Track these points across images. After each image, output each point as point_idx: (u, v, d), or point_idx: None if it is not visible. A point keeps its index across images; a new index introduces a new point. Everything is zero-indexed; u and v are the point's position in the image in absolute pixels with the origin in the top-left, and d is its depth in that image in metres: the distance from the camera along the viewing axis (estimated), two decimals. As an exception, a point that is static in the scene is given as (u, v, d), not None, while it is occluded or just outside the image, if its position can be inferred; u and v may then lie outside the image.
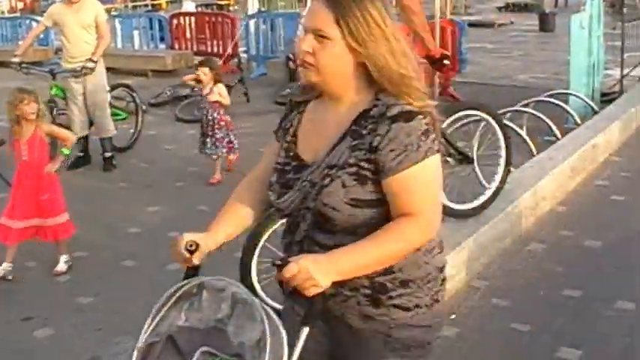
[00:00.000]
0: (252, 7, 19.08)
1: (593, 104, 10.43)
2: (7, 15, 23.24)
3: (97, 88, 9.67)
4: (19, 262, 6.67)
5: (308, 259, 2.43)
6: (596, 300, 5.28)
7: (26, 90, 6.62)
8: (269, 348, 2.39)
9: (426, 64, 5.60)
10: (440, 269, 2.74)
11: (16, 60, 9.67)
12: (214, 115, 9.12)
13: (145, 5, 31.82)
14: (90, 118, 9.79)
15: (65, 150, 6.74)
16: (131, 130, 10.90)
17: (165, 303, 2.66)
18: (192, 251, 2.73)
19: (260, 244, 5.08)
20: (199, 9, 22.19)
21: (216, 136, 9.14)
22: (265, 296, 5.04)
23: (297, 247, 2.73)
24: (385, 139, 2.53)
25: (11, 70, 9.93)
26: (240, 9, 25.15)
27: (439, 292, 2.73)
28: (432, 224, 2.57)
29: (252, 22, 17.41)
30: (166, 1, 34.34)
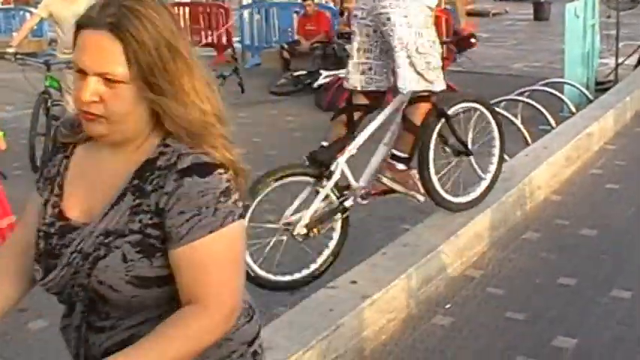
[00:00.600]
0: (247, -3, 19.06)
1: (588, 93, 10.42)
2: (1, 6, 23.16)
3: (92, 79, 9.64)
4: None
5: None
6: (592, 288, 5.28)
7: None
8: None
9: (450, 43, 5.68)
10: (249, 343, 2.20)
11: (11, 51, 9.63)
12: None
13: (140, -4, 31.66)
14: (84, 109, 9.76)
15: None
16: (125, 121, 10.87)
17: None
18: None
19: (251, 208, 4.95)
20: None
21: None
22: (252, 263, 5.02)
23: (75, 333, 2.26)
24: (173, 198, 1.98)
25: (6, 62, 9.90)
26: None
27: None
28: (227, 316, 2.01)
29: (246, 12, 17.38)
30: (161, -8, 34.18)
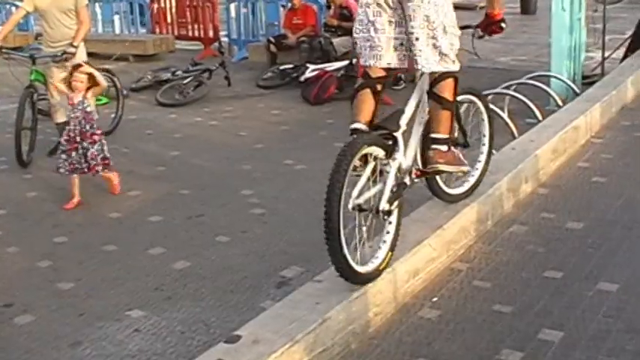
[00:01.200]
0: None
1: (574, 86, 10.44)
2: (-14, 0, 23.04)
3: (78, 72, 9.60)
4: (-1, 248, 6.66)
5: None
6: (578, 281, 5.29)
7: None
8: None
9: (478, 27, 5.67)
10: None
11: (-3, 45, 9.58)
12: (87, 128, 7.95)
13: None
14: (70, 103, 9.72)
15: None
16: (112, 115, 10.86)
17: None
18: None
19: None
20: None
21: (91, 152, 7.92)
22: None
23: None
24: None
25: (-10, 56, 9.86)
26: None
27: None
28: None
29: (233, 6, 17.33)
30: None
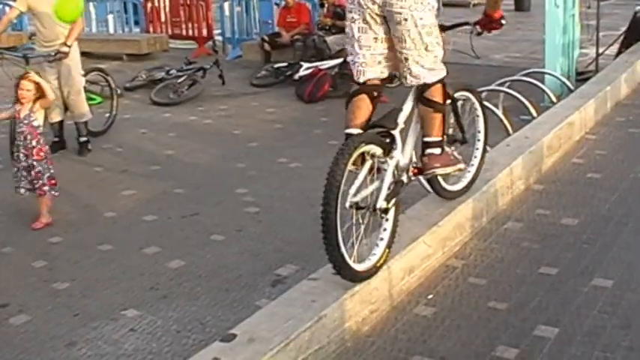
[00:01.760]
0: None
1: (568, 83, 10.45)
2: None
3: (72, 72, 9.60)
4: (-7, 249, 6.65)
5: None
6: (573, 277, 5.29)
7: None
8: None
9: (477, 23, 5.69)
10: None
11: (-10, 45, 9.58)
12: (33, 144, 7.39)
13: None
14: (65, 102, 9.72)
15: None
16: (106, 115, 10.85)
17: None
18: None
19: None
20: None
21: (36, 170, 7.37)
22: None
23: None
24: None
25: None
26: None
27: None
28: None
29: (226, 4, 17.32)
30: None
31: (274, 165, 8.90)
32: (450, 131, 5.69)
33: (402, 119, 5.11)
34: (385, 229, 4.95)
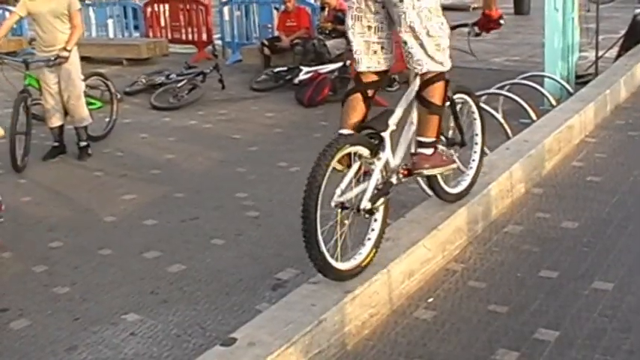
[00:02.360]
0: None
1: (568, 86, 10.44)
2: (-21, 5, 23.02)
3: (72, 77, 9.61)
4: (-6, 253, 6.64)
5: None
6: (573, 281, 5.29)
7: None
8: None
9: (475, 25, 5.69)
10: None
11: (-10, 50, 9.60)
12: None
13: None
14: (65, 107, 9.72)
15: None
16: (106, 119, 10.87)
17: None
18: None
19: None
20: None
21: None
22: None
23: None
24: None
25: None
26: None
27: None
28: None
29: (226, 9, 17.34)
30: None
31: (274, 169, 8.90)
32: (450, 133, 5.68)
33: (393, 121, 5.07)
34: (373, 229, 4.96)
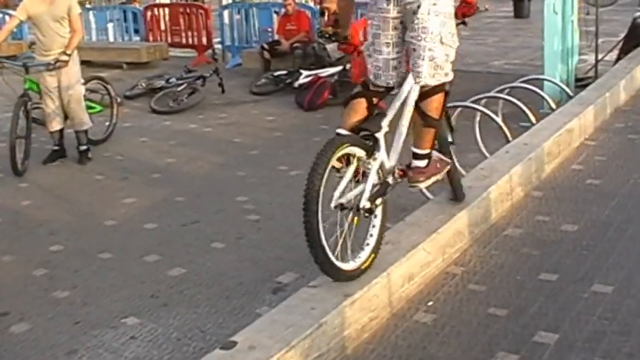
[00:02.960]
0: (226, -3, 19.00)
1: (567, 89, 10.44)
2: (-21, 9, 23.05)
3: (72, 81, 9.62)
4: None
5: None
6: (573, 283, 5.29)
7: None
8: None
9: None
10: None
11: (-10, 54, 9.61)
12: None
13: (119, -3, 31.52)
14: (65, 111, 9.73)
15: None
16: (106, 123, 10.88)
17: None
18: None
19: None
20: (173, 0, 22.00)
21: None
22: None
23: None
24: None
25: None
26: (215, 0, 25.10)
27: None
28: None
29: (226, 13, 17.36)
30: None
31: (274, 173, 8.91)
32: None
33: (385, 123, 5.09)
34: (372, 234, 4.97)
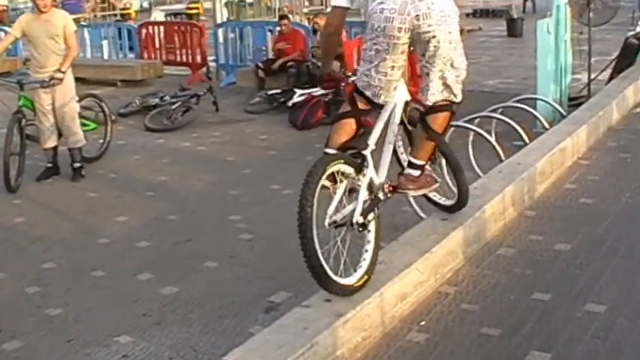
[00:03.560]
0: (221, 16, 19.03)
1: (560, 109, 10.48)
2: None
3: (66, 98, 9.63)
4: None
5: None
6: (566, 303, 5.30)
7: None
8: None
9: None
10: None
11: (-16, 71, 9.62)
12: None
13: (114, 15, 31.65)
14: (59, 128, 9.73)
15: None
16: (100, 141, 10.87)
17: None
18: None
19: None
20: (168, 18, 22.07)
21: None
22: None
23: None
24: None
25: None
26: (209, 18, 25.17)
27: None
28: None
29: (220, 31, 17.40)
30: (135, 11, 34.25)
31: (267, 191, 8.91)
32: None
33: (372, 140, 5.14)
34: (365, 259, 5.00)
